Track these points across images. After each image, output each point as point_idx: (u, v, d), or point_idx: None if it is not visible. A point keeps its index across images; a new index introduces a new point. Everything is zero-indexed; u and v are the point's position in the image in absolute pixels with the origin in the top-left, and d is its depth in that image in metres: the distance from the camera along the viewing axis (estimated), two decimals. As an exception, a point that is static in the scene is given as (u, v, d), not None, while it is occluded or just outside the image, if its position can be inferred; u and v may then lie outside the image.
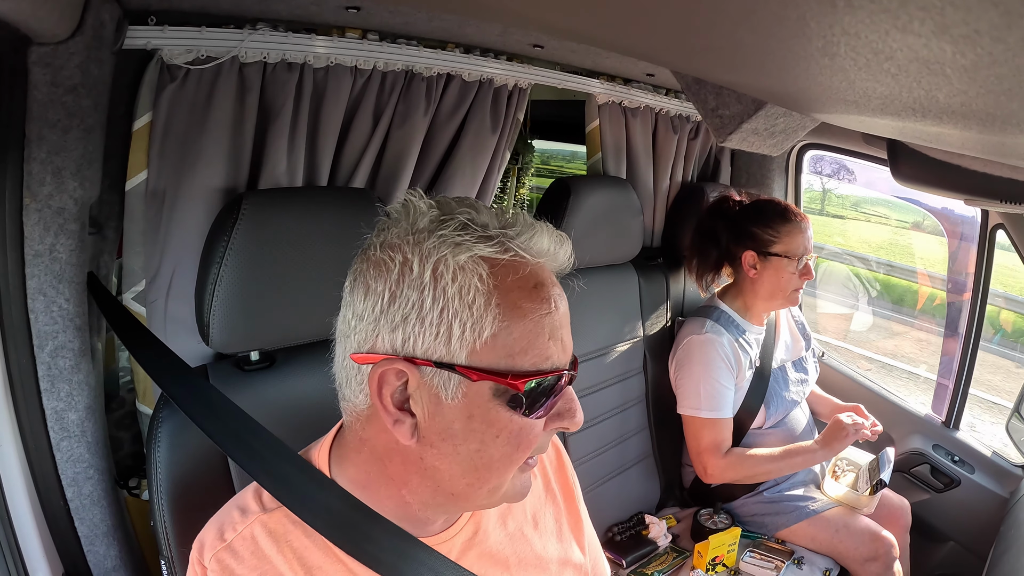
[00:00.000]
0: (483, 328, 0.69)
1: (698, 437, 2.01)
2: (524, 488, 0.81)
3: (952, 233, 2.65)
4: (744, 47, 0.56)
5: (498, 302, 0.69)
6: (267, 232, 1.16)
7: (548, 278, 0.74)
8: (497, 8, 0.85)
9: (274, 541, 0.79)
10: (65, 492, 1.22)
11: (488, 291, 0.69)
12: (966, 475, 2.25)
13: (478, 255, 0.70)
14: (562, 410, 0.76)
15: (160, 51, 1.27)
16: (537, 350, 0.71)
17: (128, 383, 1.64)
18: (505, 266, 0.70)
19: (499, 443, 0.72)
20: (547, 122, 3.74)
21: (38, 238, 1.12)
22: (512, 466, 0.75)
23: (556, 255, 0.76)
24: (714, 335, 2.01)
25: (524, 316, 0.70)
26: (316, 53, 1.44)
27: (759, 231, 2.04)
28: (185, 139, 1.33)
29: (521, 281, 0.71)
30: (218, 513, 0.84)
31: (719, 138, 1.00)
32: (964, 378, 2.32)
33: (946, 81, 0.42)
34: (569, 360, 0.76)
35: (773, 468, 1.99)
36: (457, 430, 0.72)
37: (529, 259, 0.72)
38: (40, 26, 0.98)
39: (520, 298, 0.70)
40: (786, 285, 2.03)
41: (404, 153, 1.64)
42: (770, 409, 2.07)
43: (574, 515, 1.04)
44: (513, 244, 0.71)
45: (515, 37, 1.63)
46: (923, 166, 0.97)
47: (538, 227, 0.74)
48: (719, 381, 1.98)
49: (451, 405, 0.71)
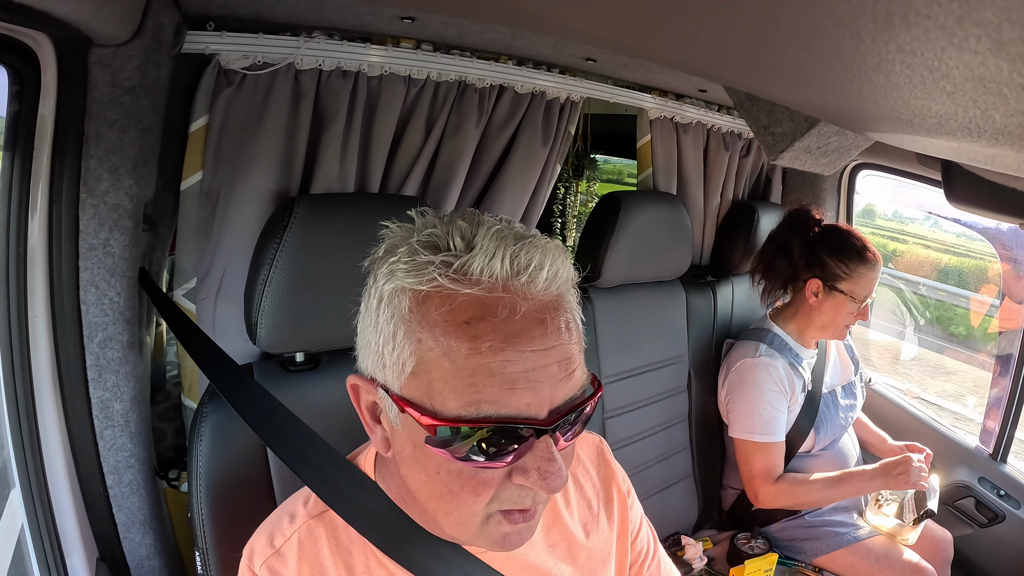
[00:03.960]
0: (404, 361, 0.64)
1: (750, 462, 1.96)
2: (506, 541, 0.71)
3: (1005, 257, 2.54)
4: (798, 63, 0.55)
5: (415, 335, 0.63)
6: (318, 236, 1.17)
7: (492, 311, 0.61)
8: (550, 21, 0.85)
9: (322, 545, 0.80)
10: (105, 479, 1.26)
11: (408, 322, 0.63)
12: (1011, 510, 2.14)
13: (400, 285, 0.64)
14: (528, 466, 0.64)
15: (218, 56, 1.31)
16: (463, 395, 0.61)
17: (175, 377, 1.68)
18: (429, 296, 0.62)
19: (441, 480, 0.66)
20: (603, 136, 3.74)
21: (93, 232, 1.16)
22: (467, 508, 0.67)
23: (518, 279, 0.62)
24: (768, 359, 1.96)
25: (447, 355, 0.61)
26: (371, 62, 1.46)
27: (832, 262, 1.95)
28: (240, 142, 1.36)
29: (450, 314, 0.61)
30: (268, 519, 0.84)
31: (771, 156, 0.98)
32: (1014, 409, 2.22)
33: (1003, 100, 0.40)
34: (546, 410, 0.63)
35: (825, 497, 1.94)
36: (408, 456, 0.69)
37: (464, 290, 0.61)
38: (101, 28, 1.02)
39: (444, 333, 0.61)
40: (840, 321, 1.97)
41: (455, 163, 1.65)
42: (820, 434, 2.01)
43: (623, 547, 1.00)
44: (446, 273, 0.61)
45: (567, 50, 1.63)
46: (978, 188, 0.93)
47: (502, 247, 0.62)
48: (773, 405, 1.93)
49: (398, 430, 0.68)
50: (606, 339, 1.94)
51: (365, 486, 0.83)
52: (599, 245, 1.87)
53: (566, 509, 0.93)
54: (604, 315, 1.94)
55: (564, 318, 0.65)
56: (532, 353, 0.61)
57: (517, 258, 0.62)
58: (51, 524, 1.19)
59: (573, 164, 4.09)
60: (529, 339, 0.61)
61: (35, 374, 1.17)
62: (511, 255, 0.62)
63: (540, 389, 0.62)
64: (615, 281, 1.94)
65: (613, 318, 1.96)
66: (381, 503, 0.81)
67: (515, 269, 0.62)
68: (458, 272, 0.61)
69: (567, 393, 0.65)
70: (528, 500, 0.67)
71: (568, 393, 0.65)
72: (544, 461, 0.64)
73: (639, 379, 2.04)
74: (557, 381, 0.63)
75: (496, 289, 0.61)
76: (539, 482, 0.64)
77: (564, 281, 0.66)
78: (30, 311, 1.15)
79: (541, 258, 0.63)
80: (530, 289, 0.62)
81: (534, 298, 0.63)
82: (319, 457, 0.89)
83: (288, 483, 1.17)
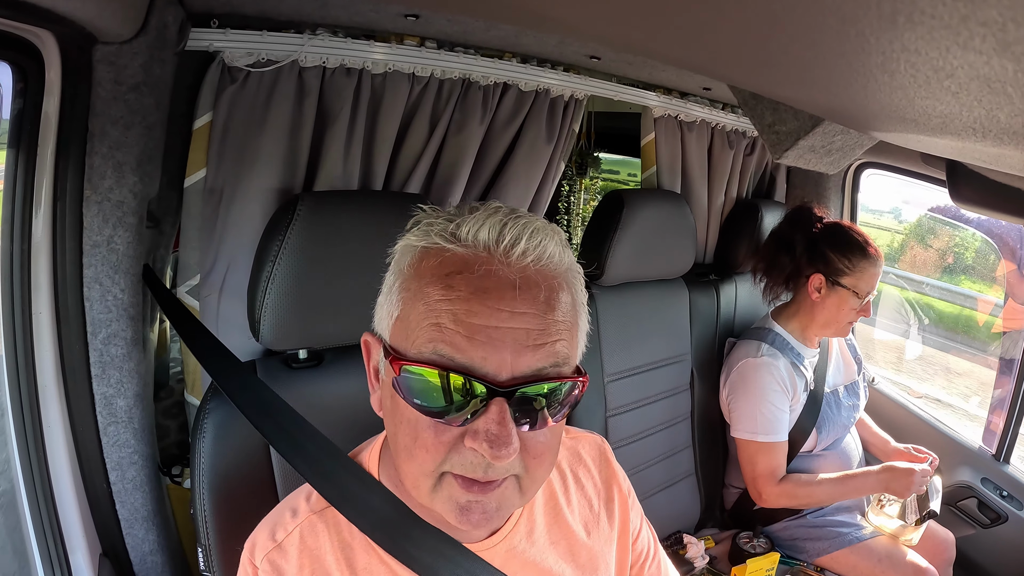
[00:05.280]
0: (393, 308, 0.70)
1: (753, 461, 1.96)
2: (465, 512, 0.69)
3: (1008, 254, 2.53)
4: (802, 62, 0.55)
5: (406, 284, 0.68)
6: (321, 233, 1.17)
7: (471, 267, 0.65)
8: (555, 19, 0.85)
9: (323, 541, 0.80)
10: (109, 475, 1.26)
11: (404, 274, 0.69)
12: (1014, 511, 2.14)
13: (408, 243, 0.70)
14: (479, 429, 0.64)
15: (222, 53, 1.31)
16: (426, 333, 0.65)
17: (178, 374, 1.69)
18: (427, 252, 0.68)
19: (404, 431, 0.68)
20: (606, 134, 3.73)
21: (97, 229, 1.17)
22: (420, 466, 0.67)
23: (500, 246, 0.66)
24: (770, 358, 1.96)
25: (423, 299, 0.66)
26: (374, 59, 1.46)
27: (835, 257, 1.96)
28: (244, 139, 1.36)
29: (437, 267, 0.66)
30: (270, 514, 0.85)
31: (775, 154, 0.97)
32: (1017, 409, 2.21)
33: (1008, 100, 0.40)
34: (506, 373, 0.64)
35: (827, 498, 1.94)
36: (388, 408, 0.72)
37: (452, 248, 0.66)
38: (105, 25, 1.02)
39: (427, 282, 0.66)
40: (843, 318, 1.96)
41: (459, 160, 1.65)
42: (822, 433, 2.01)
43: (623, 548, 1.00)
44: (443, 232, 0.68)
45: (572, 48, 1.63)
46: (983, 188, 0.93)
47: (493, 218, 0.67)
48: (775, 405, 1.92)
49: (385, 382, 0.72)
50: (609, 337, 1.94)
51: (367, 483, 0.83)
52: (602, 243, 1.86)
53: (567, 507, 0.92)
54: (607, 313, 1.94)
55: (543, 291, 0.67)
56: (499, 312, 0.64)
57: (504, 229, 0.67)
58: (54, 520, 1.19)
59: (576, 162, 4.08)
60: (499, 298, 0.64)
61: (39, 370, 1.18)
62: (500, 226, 0.67)
63: (500, 348, 0.64)
64: (618, 279, 1.94)
65: (616, 316, 1.96)
66: (383, 500, 0.81)
67: (500, 238, 0.66)
68: (451, 234, 0.67)
69: (533, 363, 0.65)
70: (480, 470, 0.66)
71: (535, 364, 0.65)
72: (495, 424, 0.64)
73: (642, 377, 2.04)
74: (522, 347, 0.65)
75: (478, 251, 0.66)
76: (487, 448, 0.63)
77: (553, 261, 0.69)
78: (34, 307, 1.15)
79: (528, 232, 0.67)
80: (509, 257, 0.66)
81: (513, 266, 0.66)
82: (321, 455, 0.89)
83: (290, 480, 1.17)
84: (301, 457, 0.90)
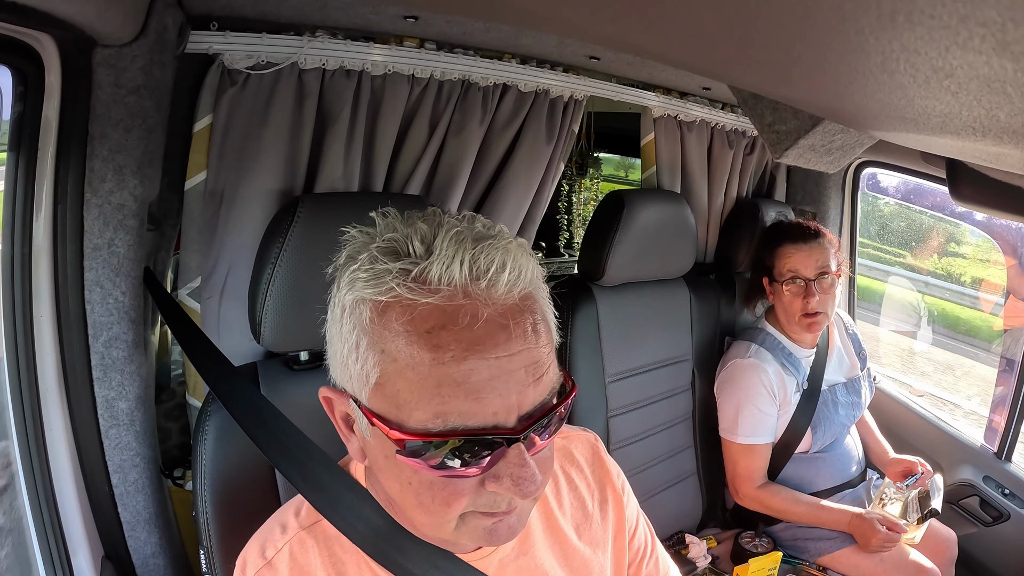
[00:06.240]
0: (369, 373, 0.62)
1: (734, 461, 2.00)
2: (492, 534, 0.68)
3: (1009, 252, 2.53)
4: (802, 62, 0.55)
5: (379, 345, 0.61)
6: (322, 234, 1.16)
7: (453, 319, 0.59)
8: (554, 19, 0.84)
9: (313, 558, 0.79)
10: (111, 478, 1.26)
11: (370, 331, 0.62)
12: (1016, 509, 2.13)
13: (360, 296, 0.62)
14: (502, 474, 0.63)
15: (221, 56, 1.31)
16: (429, 407, 0.59)
17: (179, 376, 1.69)
18: (389, 306, 0.60)
19: (414, 490, 0.65)
20: (606, 135, 3.73)
21: (97, 232, 1.17)
22: (446, 513, 0.65)
23: (478, 284, 0.60)
24: (757, 360, 1.97)
25: (411, 366, 0.59)
26: (374, 61, 1.46)
27: (764, 255, 2.07)
28: (244, 142, 1.36)
29: (411, 324, 0.59)
30: (260, 529, 0.84)
31: (775, 154, 0.97)
32: (1019, 407, 2.21)
33: (1007, 100, 0.40)
34: (515, 417, 0.62)
35: (796, 519, 1.98)
36: (382, 466, 0.68)
37: (421, 299, 0.59)
38: (105, 28, 1.02)
39: (407, 342, 0.59)
40: (793, 309, 1.99)
41: (459, 161, 1.65)
42: (817, 433, 2.01)
43: (619, 547, 0.99)
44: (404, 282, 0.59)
45: (571, 48, 1.63)
46: (983, 186, 0.93)
47: (460, 249, 0.60)
48: (758, 407, 1.94)
49: (370, 441, 0.67)
50: (610, 338, 1.94)
51: (359, 494, 0.82)
52: (603, 243, 1.86)
53: (559, 511, 0.92)
54: (608, 313, 1.93)
55: (530, 320, 0.63)
56: (497, 360, 0.60)
57: (476, 262, 0.60)
58: (56, 522, 1.19)
59: (576, 162, 4.08)
60: (493, 346, 0.60)
61: (40, 373, 1.18)
62: (470, 259, 0.60)
63: (507, 396, 0.61)
64: (619, 279, 1.94)
65: (617, 316, 1.96)
66: (374, 511, 0.80)
67: (475, 274, 0.60)
68: (416, 280, 0.60)
69: (536, 398, 0.63)
70: (504, 504, 0.66)
71: (538, 398, 0.64)
72: (517, 468, 0.62)
73: (643, 377, 2.04)
74: (525, 387, 0.62)
75: (456, 296, 0.60)
76: (513, 488, 0.62)
77: (529, 281, 0.64)
78: (35, 311, 1.16)
79: (502, 259, 0.61)
80: (491, 294, 0.61)
81: (497, 303, 0.61)
82: (313, 464, 0.89)
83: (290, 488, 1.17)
84: (295, 469, 0.90)
